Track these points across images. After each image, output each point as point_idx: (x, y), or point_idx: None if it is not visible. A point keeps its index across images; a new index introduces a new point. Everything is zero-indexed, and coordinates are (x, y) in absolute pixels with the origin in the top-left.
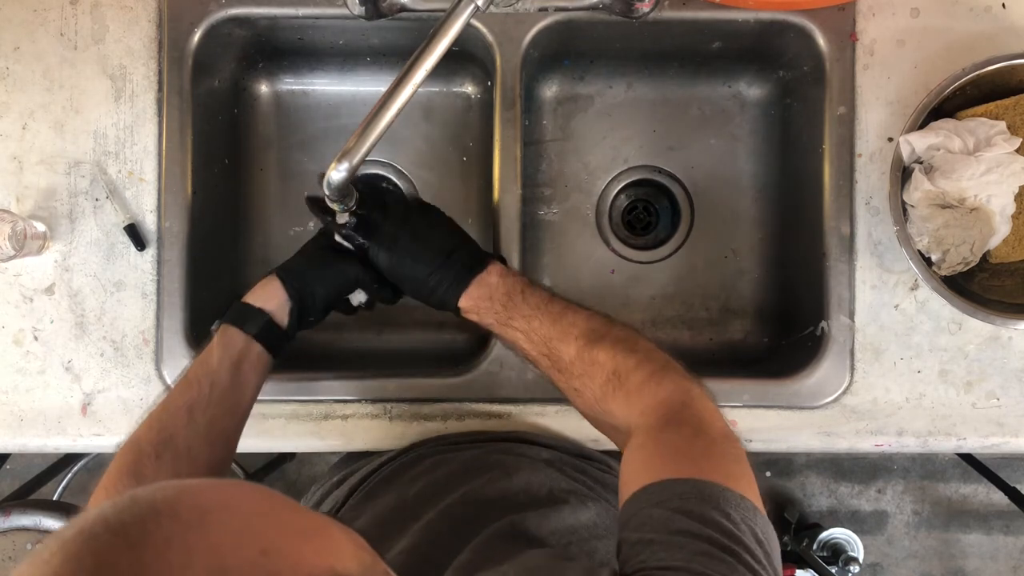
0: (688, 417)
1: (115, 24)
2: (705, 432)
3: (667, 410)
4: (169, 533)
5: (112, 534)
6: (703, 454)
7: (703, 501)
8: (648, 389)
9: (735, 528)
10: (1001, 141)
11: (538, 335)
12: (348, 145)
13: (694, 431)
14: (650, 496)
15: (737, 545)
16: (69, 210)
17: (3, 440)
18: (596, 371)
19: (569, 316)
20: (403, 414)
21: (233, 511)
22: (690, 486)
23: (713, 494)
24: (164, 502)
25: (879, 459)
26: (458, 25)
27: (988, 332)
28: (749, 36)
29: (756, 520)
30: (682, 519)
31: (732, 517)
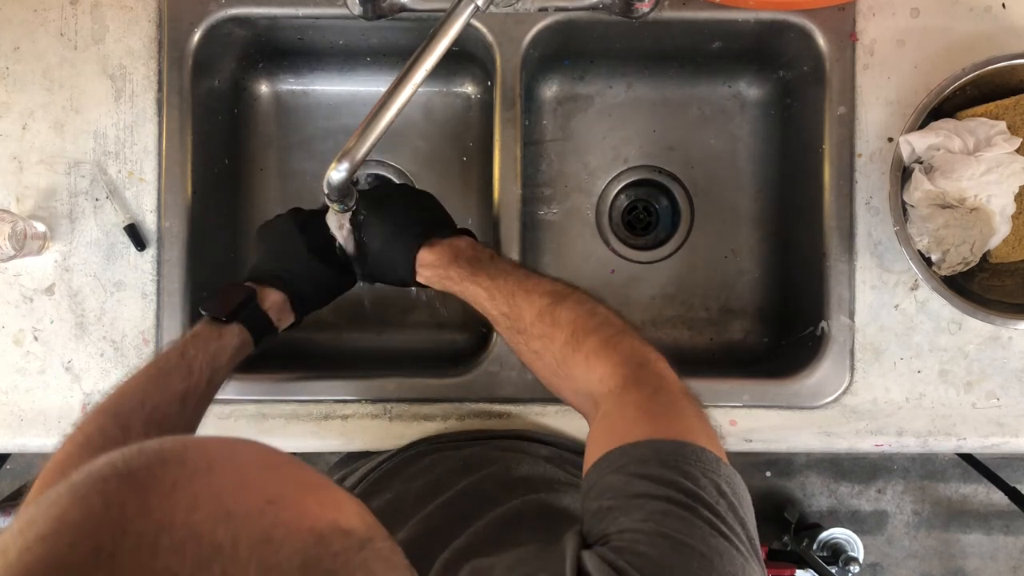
0: (646, 376)
1: (115, 24)
2: (665, 389)
3: (626, 370)
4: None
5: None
6: (663, 411)
7: (661, 462)
8: (605, 352)
9: (694, 484)
10: (1001, 141)
11: (501, 292)
12: (348, 145)
13: (653, 389)
14: (609, 463)
15: (695, 501)
16: (69, 210)
17: (3, 440)
18: (556, 332)
19: (535, 277)
20: (403, 414)
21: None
22: (648, 448)
23: (671, 452)
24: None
25: (879, 459)
26: (458, 25)
27: (988, 332)
28: (749, 36)
29: (720, 472)
30: (640, 482)
31: (691, 473)
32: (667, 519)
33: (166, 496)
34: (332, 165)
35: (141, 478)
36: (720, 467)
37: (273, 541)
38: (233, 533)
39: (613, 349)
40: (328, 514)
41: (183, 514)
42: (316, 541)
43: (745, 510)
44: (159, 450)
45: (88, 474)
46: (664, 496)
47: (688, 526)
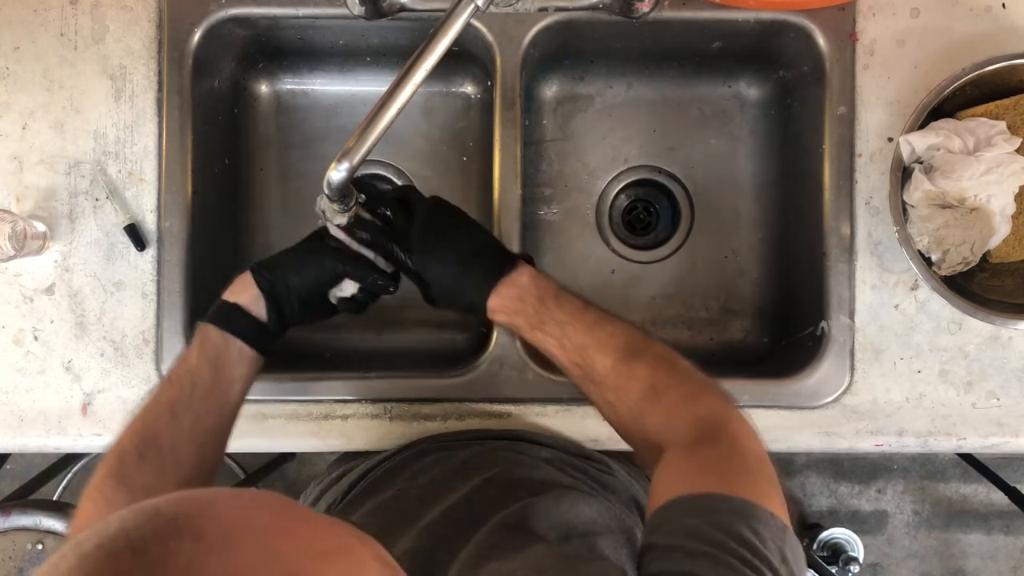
0: (725, 435)
1: (115, 24)
2: (740, 451)
3: (704, 427)
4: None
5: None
6: (737, 472)
7: (735, 516)
8: (686, 406)
9: (763, 545)
10: (1001, 141)
11: (572, 343)
12: (348, 145)
13: (729, 449)
14: (684, 506)
15: (762, 563)
16: (69, 210)
17: (3, 440)
18: (633, 384)
19: (607, 327)
20: (403, 414)
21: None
22: (723, 501)
23: (745, 511)
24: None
25: (879, 459)
26: (458, 25)
27: (988, 332)
28: (749, 36)
29: (785, 540)
30: (712, 531)
31: (761, 535)
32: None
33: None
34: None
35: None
36: (786, 535)
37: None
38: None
39: (694, 404)
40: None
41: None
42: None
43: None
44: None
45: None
46: (731, 550)
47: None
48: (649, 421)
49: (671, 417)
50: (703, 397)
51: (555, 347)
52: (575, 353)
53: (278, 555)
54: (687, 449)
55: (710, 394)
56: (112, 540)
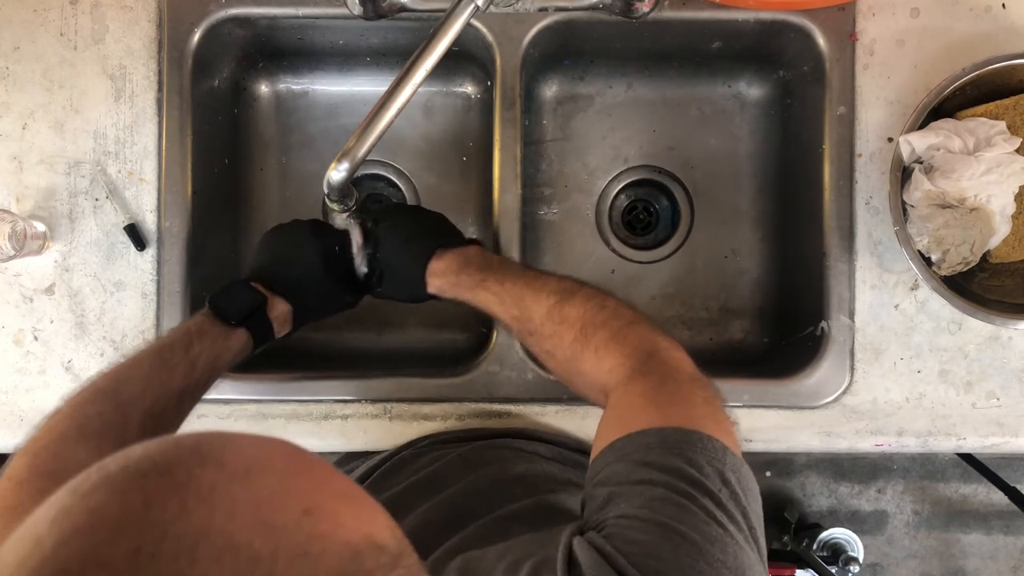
0: (654, 366)
1: (115, 24)
2: (671, 377)
3: (634, 362)
4: (214, 481)
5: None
6: (670, 400)
7: (665, 450)
8: (614, 344)
9: (697, 472)
10: (1001, 141)
11: (511, 296)
12: (348, 145)
13: (660, 378)
14: (614, 451)
15: (696, 488)
16: (69, 210)
17: (3, 440)
18: (565, 330)
19: (543, 278)
20: (403, 414)
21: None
22: (654, 436)
23: (676, 440)
24: (209, 449)
25: (879, 459)
26: (458, 25)
27: (988, 332)
28: (749, 36)
29: (725, 460)
30: (642, 469)
31: (695, 461)
32: (664, 506)
33: (204, 499)
34: (332, 165)
35: (180, 478)
36: (726, 455)
37: (310, 555)
38: (272, 545)
39: (622, 341)
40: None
41: (222, 520)
42: (352, 556)
43: (749, 499)
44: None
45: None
46: (664, 483)
47: (684, 513)
48: (584, 364)
49: (601, 358)
50: (630, 332)
51: (495, 303)
52: (513, 306)
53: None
54: (619, 389)
55: (636, 327)
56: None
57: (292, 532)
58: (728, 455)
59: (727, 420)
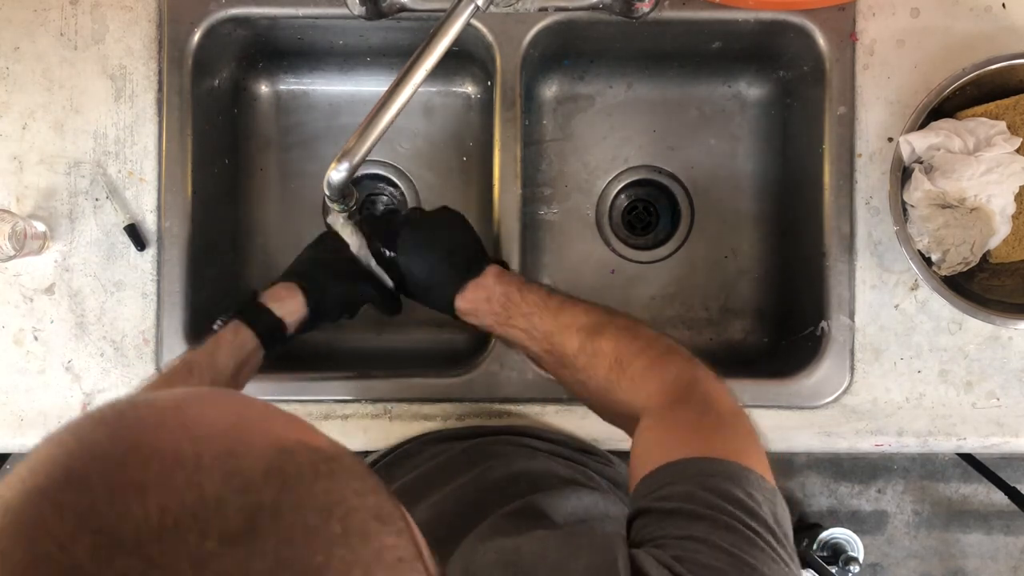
0: (695, 396)
1: (115, 24)
2: (713, 409)
3: (673, 390)
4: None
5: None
6: (713, 431)
7: (726, 479)
8: (653, 373)
9: (757, 507)
10: (1001, 141)
11: (539, 332)
12: (348, 145)
13: (703, 408)
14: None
15: (759, 524)
16: (69, 210)
17: (3, 440)
18: (599, 361)
19: (569, 309)
20: (403, 414)
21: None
22: (710, 464)
23: (735, 473)
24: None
25: (879, 459)
26: (458, 25)
27: (988, 332)
28: (749, 36)
29: (776, 502)
30: (706, 495)
31: (754, 496)
32: (731, 536)
33: (131, 427)
34: (332, 165)
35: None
36: (776, 497)
37: (237, 453)
38: (198, 449)
39: (660, 369)
40: (294, 434)
41: (149, 437)
42: (280, 452)
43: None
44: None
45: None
46: (729, 513)
47: (751, 547)
48: (619, 394)
49: (638, 386)
50: (668, 361)
51: (525, 339)
52: (544, 341)
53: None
54: (659, 414)
55: (674, 357)
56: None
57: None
58: (777, 496)
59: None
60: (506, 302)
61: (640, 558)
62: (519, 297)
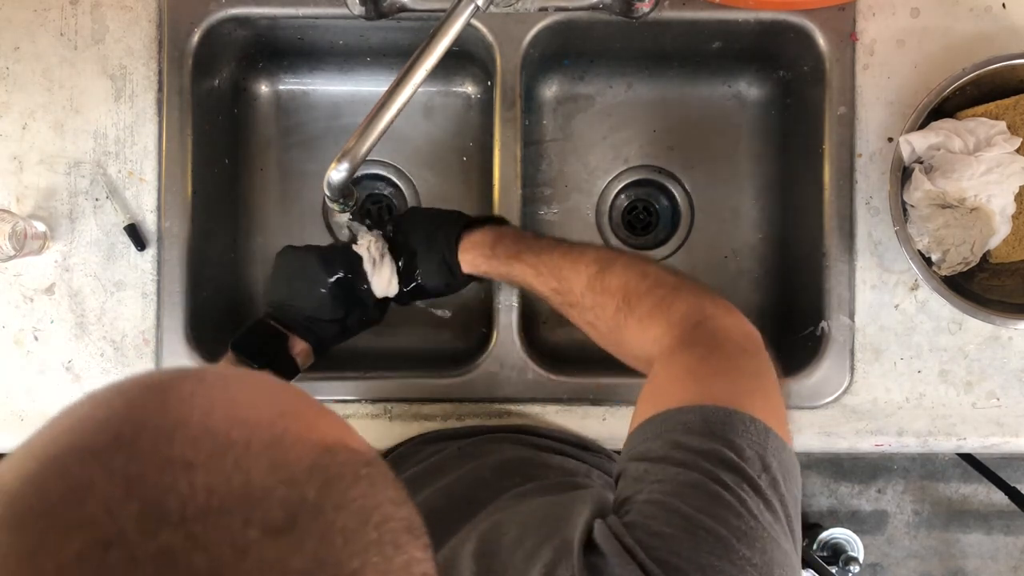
0: (700, 336)
1: (115, 24)
2: (718, 348)
3: (679, 331)
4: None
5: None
6: (712, 373)
7: (706, 430)
8: (659, 313)
9: (737, 456)
10: (1001, 141)
11: (547, 267)
12: (348, 145)
13: (706, 350)
14: (653, 426)
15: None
16: (69, 210)
17: (3, 440)
18: (607, 300)
19: (579, 247)
20: (403, 414)
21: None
22: (694, 414)
23: (718, 420)
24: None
25: (879, 459)
26: (458, 25)
27: (988, 332)
28: (749, 36)
29: (767, 444)
30: (679, 451)
31: (736, 444)
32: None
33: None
34: (332, 165)
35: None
36: (768, 438)
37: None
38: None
39: (667, 309)
40: (335, 432)
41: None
42: (324, 450)
43: (789, 484)
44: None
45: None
46: (700, 468)
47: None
48: (627, 335)
49: (645, 328)
50: (675, 299)
51: (532, 276)
52: (551, 277)
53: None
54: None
55: (683, 293)
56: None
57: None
58: (770, 437)
59: (775, 393)
60: (518, 238)
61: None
62: (532, 238)
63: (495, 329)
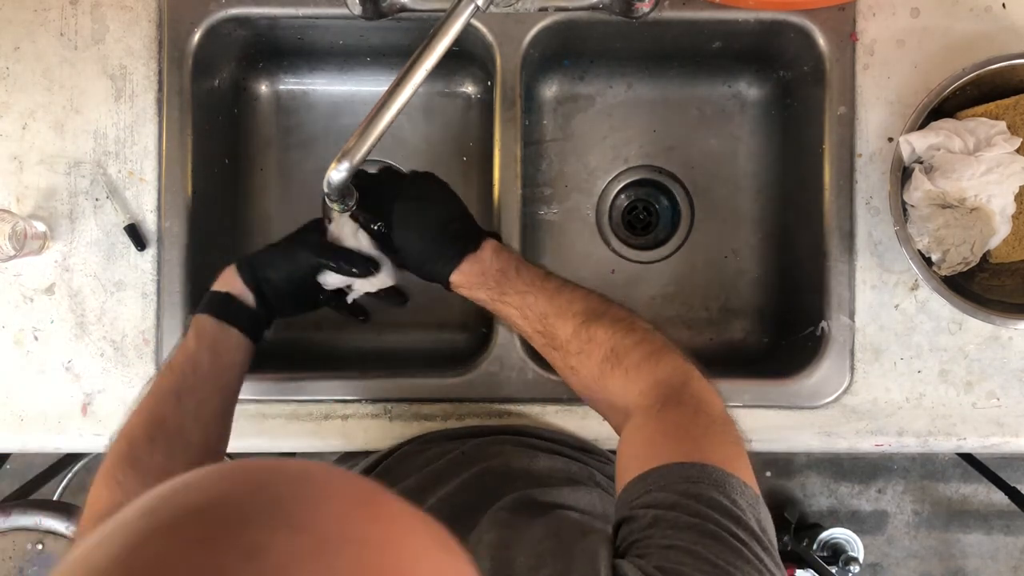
0: (687, 397)
1: (115, 24)
2: (705, 412)
3: (667, 389)
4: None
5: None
6: (703, 435)
7: (711, 486)
8: (647, 368)
9: (742, 514)
10: (1001, 141)
11: (533, 311)
12: (348, 145)
13: (694, 411)
14: (657, 478)
15: (744, 532)
16: (69, 210)
17: (3, 440)
18: (594, 348)
19: (566, 294)
20: (403, 414)
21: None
22: (697, 470)
23: (720, 480)
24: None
25: (879, 459)
26: (458, 25)
27: (988, 332)
28: (749, 36)
29: (759, 509)
30: (691, 502)
31: (739, 504)
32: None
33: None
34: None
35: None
36: (759, 504)
37: None
38: None
39: (655, 365)
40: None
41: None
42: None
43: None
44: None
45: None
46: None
47: (736, 556)
48: (611, 384)
49: (631, 380)
50: (663, 358)
51: (518, 317)
52: (537, 322)
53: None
54: (651, 413)
55: (669, 355)
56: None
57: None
58: (760, 503)
59: (749, 462)
60: (501, 278)
61: (623, 568)
62: (515, 274)
63: (495, 329)
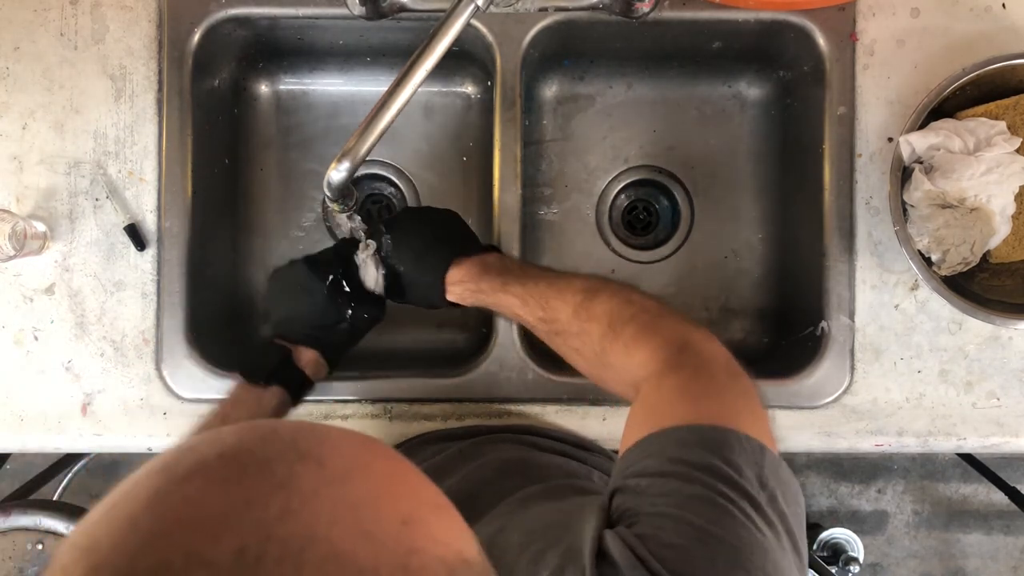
0: (686, 359)
1: (115, 24)
2: (705, 370)
3: (664, 354)
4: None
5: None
6: (703, 394)
7: (703, 448)
8: (643, 338)
9: (735, 473)
10: (1001, 141)
11: (534, 297)
12: (348, 145)
13: (694, 371)
14: (649, 445)
15: (734, 490)
16: (69, 210)
17: (3, 440)
18: (593, 326)
19: (565, 277)
20: (403, 414)
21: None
22: (690, 432)
23: (713, 439)
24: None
25: (879, 459)
26: (458, 25)
27: (988, 332)
28: (749, 36)
29: (763, 461)
30: (680, 466)
31: (732, 461)
32: (701, 507)
33: (307, 502)
34: (332, 165)
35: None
36: (764, 456)
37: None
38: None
39: (652, 333)
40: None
41: (324, 527)
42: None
43: (788, 500)
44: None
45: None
46: (702, 482)
47: (721, 515)
48: (614, 360)
49: (631, 353)
50: (660, 324)
51: (519, 306)
52: (537, 307)
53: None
54: (652, 382)
55: (666, 320)
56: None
57: (392, 544)
58: (766, 455)
59: (763, 414)
60: (504, 270)
61: (607, 539)
62: (518, 268)
63: (495, 329)
